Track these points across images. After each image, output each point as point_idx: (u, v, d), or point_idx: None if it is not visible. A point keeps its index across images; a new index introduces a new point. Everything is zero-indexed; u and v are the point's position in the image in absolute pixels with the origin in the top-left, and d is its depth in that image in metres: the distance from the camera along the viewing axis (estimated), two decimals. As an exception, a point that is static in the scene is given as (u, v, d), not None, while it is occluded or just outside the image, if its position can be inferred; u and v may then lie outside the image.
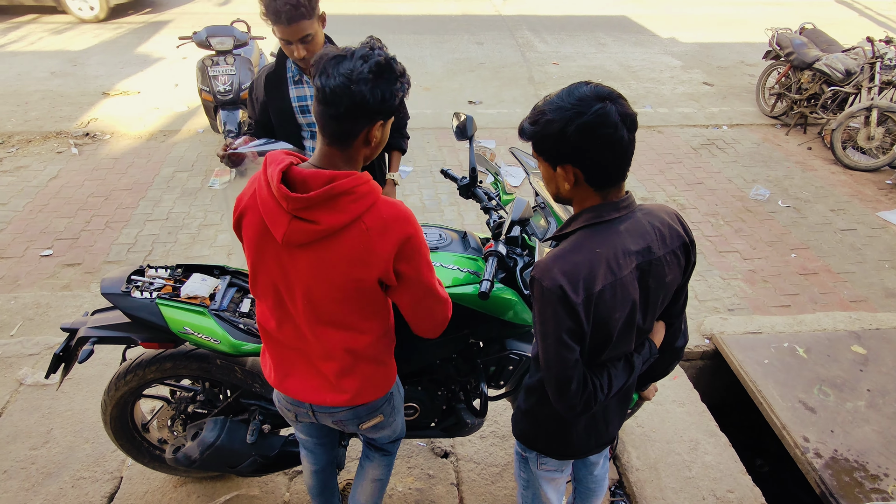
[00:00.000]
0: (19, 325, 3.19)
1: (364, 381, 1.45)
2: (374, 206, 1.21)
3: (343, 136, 1.19)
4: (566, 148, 1.14)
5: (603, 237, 1.17)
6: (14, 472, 2.25)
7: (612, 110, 1.10)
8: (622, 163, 1.15)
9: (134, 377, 1.91)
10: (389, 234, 1.22)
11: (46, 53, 7.74)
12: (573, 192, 1.21)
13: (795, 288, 3.87)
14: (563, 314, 1.13)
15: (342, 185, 1.17)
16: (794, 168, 5.46)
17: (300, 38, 1.97)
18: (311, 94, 2.23)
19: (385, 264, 1.24)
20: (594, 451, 1.47)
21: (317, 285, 1.26)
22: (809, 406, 2.68)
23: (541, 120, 1.15)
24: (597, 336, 1.18)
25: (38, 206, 4.49)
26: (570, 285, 1.12)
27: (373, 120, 1.20)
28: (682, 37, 9.51)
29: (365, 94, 1.14)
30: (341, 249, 1.21)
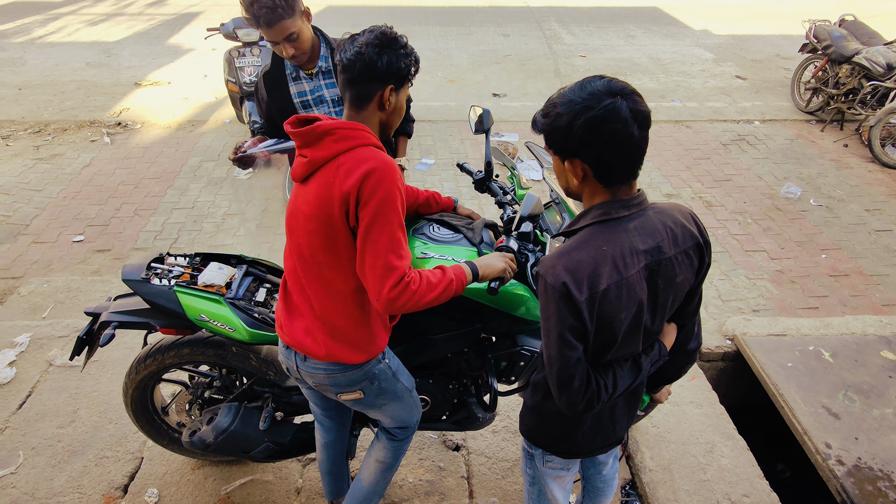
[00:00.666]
0: (51, 308, 3.31)
1: (338, 335, 1.49)
2: (354, 149, 1.36)
3: (360, 98, 1.40)
4: (573, 142, 1.12)
5: (610, 235, 1.15)
6: (42, 448, 2.34)
7: (623, 106, 1.08)
8: (632, 160, 1.13)
9: (153, 361, 1.96)
10: (356, 172, 1.32)
11: (83, 44, 7.96)
12: (582, 186, 1.19)
13: (824, 290, 3.75)
14: (565, 311, 1.12)
15: (325, 125, 1.35)
16: (828, 166, 5.28)
17: (284, 37, 2.01)
18: (310, 88, 2.26)
19: (345, 198, 1.32)
20: (600, 451, 1.45)
21: (303, 217, 1.41)
22: (833, 412, 2.60)
23: (551, 112, 1.14)
24: (601, 336, 1.17)
25: (72, 193, 4.64)
26: (573, 282, 1.10)
27: (384, 82, 1.38)
28: (716, 29, 9.25)
29: (373, 57, 1.35)
30: (319, 182, 1.37)
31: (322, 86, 2.25)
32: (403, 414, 1.74)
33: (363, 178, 1.30)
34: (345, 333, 1.49)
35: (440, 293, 1.40)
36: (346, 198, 1.32)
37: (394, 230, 1.33)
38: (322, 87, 2.25)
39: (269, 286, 2.00)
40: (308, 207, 1.38)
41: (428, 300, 1.38)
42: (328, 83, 2.25)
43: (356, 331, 1.50)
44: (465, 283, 1.46)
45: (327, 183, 1.34)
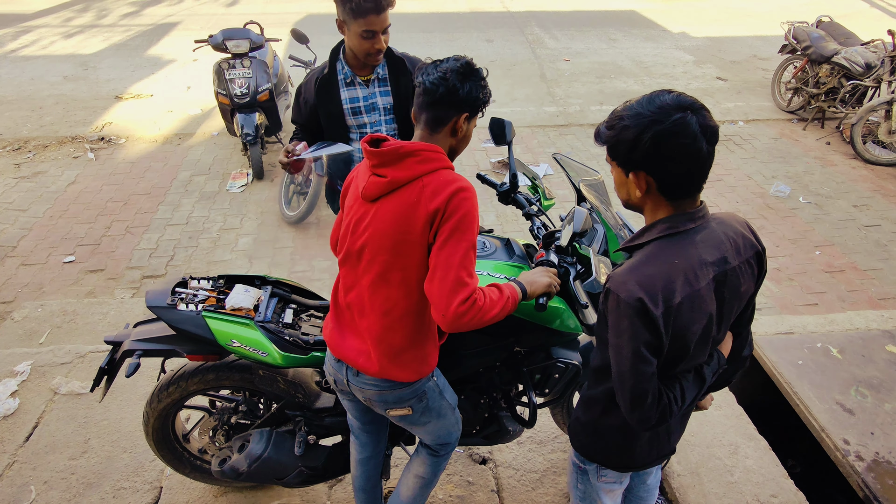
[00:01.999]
0: (48, 333, 3.20)
1: (392, 354, 1.49)
2: (437, 171, 1.39)
3: (436, 122, 1.43)
4: (639, 155, 1.12)
5: (679, 248, 1.15)
6: (54, 482, 2.25)
7: (693, 121, 1.08)
8: (698, 175, 1.13)
9: (177, 389, 1.90)
10: (442, 192, 1.35)
11: (58, 57, 7.74)
12: (644, 199, 1.19)
13: (822, 286, 3.84)
14: (640, 327, 1.11)
15: (410, 146, 1.38)
16: (813, 163, 5.41)
17: (385, 27, 2.07)
18: (363, 94, 2.27)
19: (431, 217, 1.34)
20: (655, 462, 1.45)
21: (377, 235, 1.42)
22: (847, 408, 2.65)
23: (617, 125, 1.14)
24: (673, 349, 1.16)
25: (58, 211, 4.50)
26: (649, 297, 1.10)
27: (460, 110, 1.42)
28: (693, 31, 9.43)
29: (456, 84, 1.39)
30: (400, 201, 1.38)
31: (376, 93, 2.28)
32: (446, 431, 1.73)
33: (450, 196, 1.34)
34: (400, 353, 1.49)
35: (499, 311, 1.40)
36: (433, 216, 1.34)
37: (468, 248, 1.35)
38: (376, 94, 2.28)
39: (295, 307, 1.96)
40: (383, 225, 1.40)
41: (489, 318, 1.38)
42: (382, 91, 2.28)
43: (411, 350, 1.50)
44: (517, 302, 1.45)
45: (410, 203, 1.36)
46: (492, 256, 1.84)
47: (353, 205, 1.50)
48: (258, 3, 10.53)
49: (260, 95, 4.75)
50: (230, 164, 5.20)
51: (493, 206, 4.52)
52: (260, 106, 4.82)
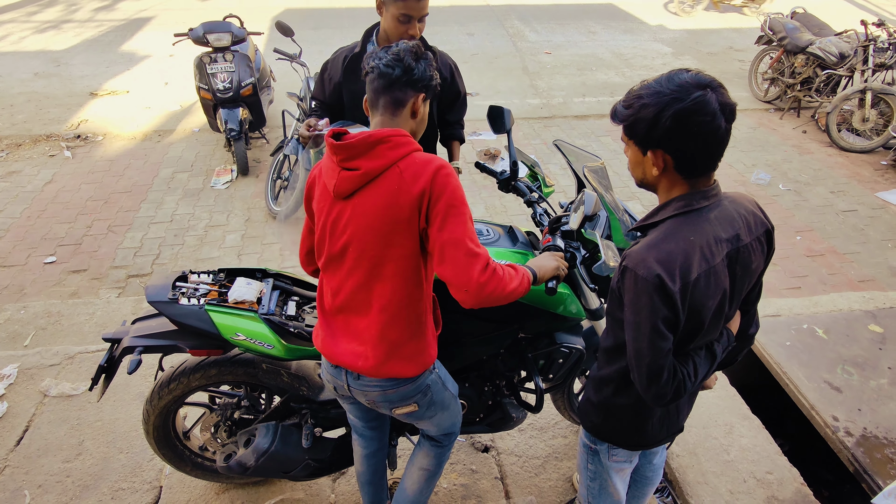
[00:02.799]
0: (32, 335, 3.11)
1: (393, 350, 1.46)
2: (410, 154, 1.36)
3: (395, 103, 1.38)
4: (659, 133, 1.13)
5: (695, 225, 1.17)
6: (49, 486, 2.19)
7: (712, 98, 1.09)
8: (716, 152, 1.15)
9: (178, 385, 1.87)
10: (423, 173, 1.32)
11: (28, 54, 7.50)
12: (660, 178, 1.20)
13: (804, 269, 3.94)
14: (659, 303, 1.13)
15: (378, 133, 1.34)
16: (791, 151, 5.54)
17: (422, 14, 2.10)
18: None
19: (417, 200, 1.32)
20: (665, 440, 1.47)
21: (360, 231, 1.37)
22: (835, 386, 2.73)
23: (636, 104, 1.15)
24: (689, 325, 1.18)
25: (36, 211, 4.37)
26: (667, 274, 1.11)
27: (417, 90, 1.39)
28: (670, 24, 9.56)
29: (412, 64, 1.37)
30: (379, 192, 1.34)
31: None
32: (450, 421, 1.73)
33: (433, 175, 1.31)
34: (399, 347, 1.46)
35: (517, 286, 1.39)
36: (419, 199, 1.31)
37: (467, 220, 1.34)
38: None
39: (298, 299, 1.94)
40: (366, 219, 1.35)
41: (510, 290, 1.36)
42: None
43: (412, 343, 1.48)
44: (531, 283, 1.46)
45: (391, 191, 1.32)
46: (495, 244, 1.84)
47: (325, 206, 1.43)
48: (233, -2, 10.33)
49: (243, 90, 4.68)
50: (213, 160, 5.11)
51: (482, 199, 4.52)
52: (243, 101, 4.75)
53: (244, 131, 4.73)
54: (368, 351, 1.47)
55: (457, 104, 2.50)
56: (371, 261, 1.39)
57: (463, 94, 2.51)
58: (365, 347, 1.47)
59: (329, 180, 1.40)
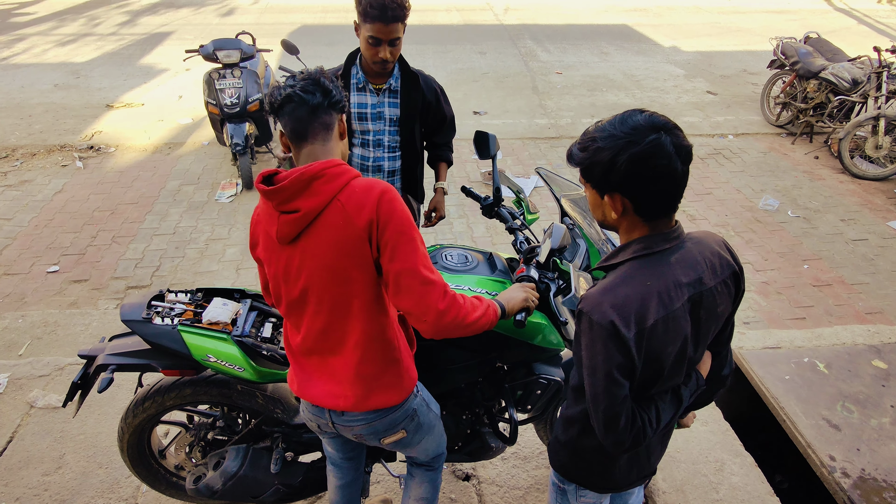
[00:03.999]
0: (27, 345, 3.14)
1: (370, 383, 1.43)
2: (347, 185, 1.30)
3: (323, 127, 1.33)
4: (616, 177, 1.10)
5: (653, 269, 1.14)
6: (27, 499, 2.19)
7: (667, 141, 1.07)
8: (674, 194, 1.12)
9: (153, 404, 1.86)
10: (366, 202, 1.28)
11: (49, 65, 7.72)
12: (620, 220, 1.18)
13: (810, 300, 3.84)
14: (613, 349, 1.10)
15: (311, 169, 1.27)
16: (802, 177, 5.45)
17: (391, 38, 2.08)
18: (371, 102, 2.29)
19: (366, 230, 1.27)
20: (636, 483, 1.42)
21: (315, 273, 1.32)
22: (833, 423, 2.64)
23: (591, 147, 1.12)
24: (647, 371, 1.15)
25: (44, 220, 4.45)
26: (621, 320, 1.08)
27: (339, 110, 1.36)
28: (684, 46, 9.53)
29: (328, 86, 1.33)
30: (324, 230, 1.28)
31: (385, 103, 2.31)
32: (437, 442, 1.70)
33: (377, 202, 1.27)
34: (377, 379, 1.43)
35: (480, 316, 1.36)
36: (367, 228, 1.27)
37: (418, 245, 1.30)
38: (385, 104, 2.31)
39: (275, 320, 1.93)
40: (318, 261, 1.30)
41: (472, 319, 1.33)
42: (391, 102, 2.31)
43: (388, 372, 1.45)
44: (497, 316, 1.43)
45: (336, 227, 1.27)
46: (473, 271, 1.82)
47: (272, 254, 1.37)
48: (252, 14, 10.57)
49: (250, 106, 4.75)
50: (219, 174, 5.18)
51: (482, 219, 4.51)
52: (250, 116, 4.81)
53: (250, 146, 4.79)
54: (347, 390, 1.44)
55: (444, 127, 2.50)
56: (332, 301, 1.35)
57: (450, 118, 2.51)
58: (342, 387, 1.44)
59: (269, 227, 1.33)
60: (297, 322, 1.42)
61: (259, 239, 1.41)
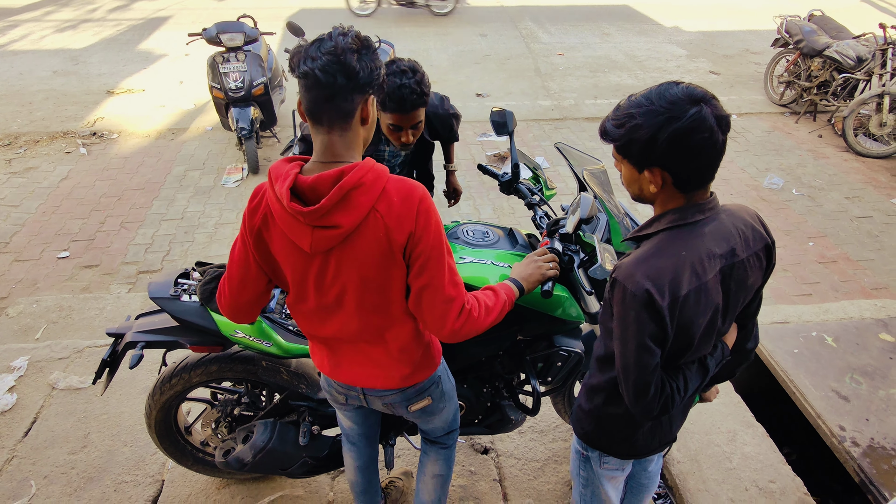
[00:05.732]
0: (43, 329, 3.17)
1: (411, 364, 1.45)
2: (384, 191, 1.18)
3: (342, 116, 1.16)
4: (657, 153, 1.10)
5: (687, 240, 1.15)
6: (55, 477, 2.23)
7: (708, 113, 1.06)
8: (713, 165, 1.13)
9: (179, 381, 1.89)
10: (406, 215, 1.19)
11: (48, 52, 7.65)
12: (658, 194, 1.18)
13: (815, 276, 3.88)
14: (646, 319, 1.11)
15: (350, 181, 1.13)
16: (806, 156, 5.46)
17: (413, 123, 1.95)
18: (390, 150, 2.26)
19: (403, 245, 1.21)
20: (657, 450, 1.46)
21: (354, 282, 1.25)
22: (843, 395, 2.69)
23: (628, 123, 1.11)
24: (678, 341, 1.17)
25: (51, 207, 4.45)
26: (656, 289, 1.10)
27: (364, 93, 1.17)
28: (686, 25, 9.47)
29: (354, 64, 1.12)
30: (366, 243, 1.20)
31: (402, 153, 2.30)
32: (454, 415, 1.74)
33: (416, 214, 1.19)
34: (418, 361, 1.45)
35: (497, 316, 1.37)
36: (405, 242, 1.21)
37: (447, 259, 1.26)
38: (402, 153, 2.30)
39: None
40: (358, 271, 1.23)
41: (487, 324, 1.34)
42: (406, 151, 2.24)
43: (425, 353, 1.47)
44: (514, 300, 1.45)
45: (375, 239, 1.19)
46: (495, 245, 1.84)
47: (296, 261, 1.25)
48: (249, -3, 10.44)
49: (255, 89, 4.73)
50: (225, 158, 5.17)
51: (490, 200, 4.52)
52: (255, 100, 4.79)
53: (255, 130, 4.78)
54: (389, 373, 1.44)
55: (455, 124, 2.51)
56: (372, 306, 1.30)
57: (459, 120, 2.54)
58: (384, 370, 1.44)
59: (298, 238, 1.19)
60: (327, 319, 1.35)
61: (272, 237, 1.26)
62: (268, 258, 1.30)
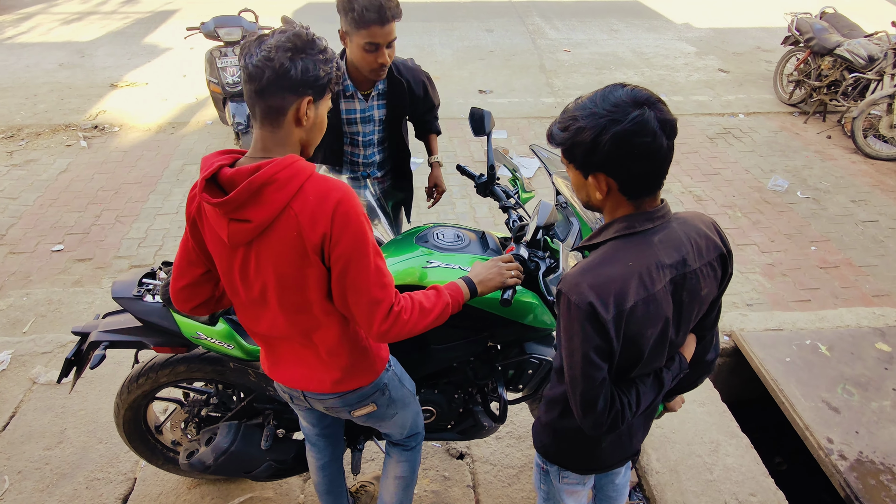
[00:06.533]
0: (32, 322, 3.19)
1: (340, 369, 1.42)
2: (301, 189, 1.17)
3: (272, 113, 1.16)
4: (599, 157, 1.06)
5: (636, 249, 1.11)
6: (28, 472, 2.24)
7: (651, 117, 1.02)
8: (660, 172, 1.08)
9: (147, 380, 1.88)
10: (320, 216, 1.17)
11: (55, 45, 7.70)
12: (605, 200, 1.14)
13: (816, 282, 3.79)
14: (591, 331, 1.07)
15: (261, 176, 1.13)
16: (813, 157, 5.34)
17: (390, 40, 1.95)
18: (361, 108, 2.23)
19: (320, 244, 1.19)
20: (618, 465, 1.41)
21: (273, 278, 1.25)
22: (833, 406, 2.62)
23: (572, 126, 1.07)
24: (627, 353, 1.13)
25: (49, 200, 4.48)
26: (600, 301, 1.06)
27: (299, 94, 1.16)
28: (697, 22, 9.30)
29: (285, 63, 1.12)
30: (280, 241, 1.20)
31: (374, 106, 2.24)
32: (412, 420, 1.70)
33: (332, 216, 1.17)
34: (350, 366, 1.42)
35: (436, 318, 1.33)
36: (320, 244, 1.19)
37: (371, 261, 1.22)
38: (374, 107, 2.24)
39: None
40: (275, 268, 1.23)
41: (423, 327, 1.30)
42: (379, 104, 2.24)
43: (359, 358, 1.44)
44: (462, 301, 1.40)
45: (290, 237, 1.18)
46: (465, 249, 1.80)
47: (222, 252, 1.27)
48: (257, -9, 10.43)
49: (251, 84, 4.70)
50: (222, 153, 5.16)
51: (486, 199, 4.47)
52: (251, 95, 4.78)
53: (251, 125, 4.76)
54: (320, 375, 1.43)
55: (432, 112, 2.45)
56: (293, 304, 1.29)
57: (437, 105, 2.47)
58: (314, 372, 1.43)
59: (218, 228, 1.22)
60: (259, 315, 1.36)
61: (204, 230, 1.29)
62: (203, 246, 1.33)
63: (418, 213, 4.41)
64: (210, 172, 1.17)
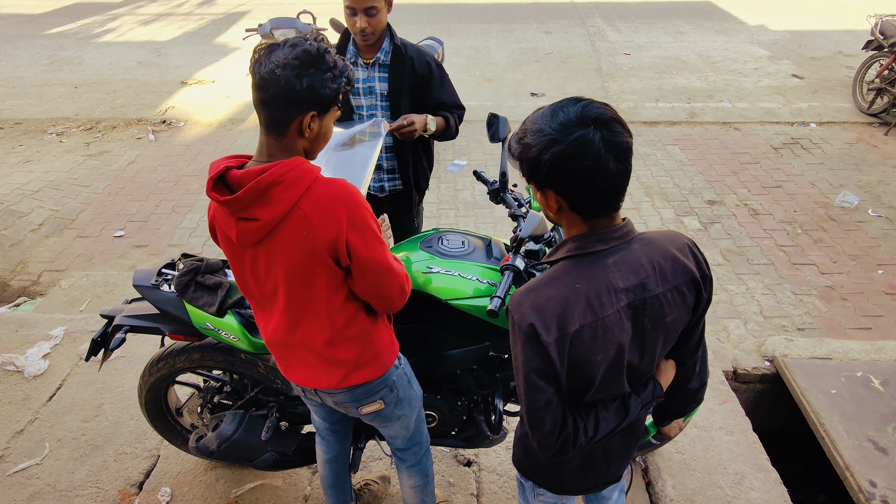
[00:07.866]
0: (88, 302, 3.44)
1: (348, 368, 1.45)
2: (309, 189, 1.21)
3: (276, 123, 1.19)
4: (542, 176, 1.01)
5: (585, 271, 1.04)
6: (66, 441, 2.42)
7: (596, 138, 0.95)
8: (608, 195, 1.02)
9: (165, 365, 1.98)
10: (331, 216, 1.21)
11: (136, 44, 8.28)
12: (559, 217, 1.09)
13: (880, 309, 3.48)
14: (531, 353, 1.03)
15: (268, 176, 1.16)
16: (890, 172, 4.90)
17: (366, 7, 2.04)
18: (363, 77, 2.27)
19: (333, 244, 1.23)
20: (593, 489, 1.34)
21: (283, 276, 1.29)
22: (880, 446, 2.39)
23: (522, 140, 1.03)
24: (576, 378, 1.07)
25: (116, 189, 4.83)
26: (541, 323, 1.01)
27: (303, 109, 1.18)
28: (773, 24, 8.77)
29: (291, 80, 1.14)
30: (288, 240, 1.23)
31: (375, 77, 2.28)
32: (416, 424, 1.71)
33: (347, 218, 1.22)
34: (355, 362, 1.45)
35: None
36: (333, 244, 1.23)
37: (383, 250, 1.30)
38: (375, 78, 2.28)
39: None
40: (285, 266, 1.28)
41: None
42: (381, 76, 2.27)
43: (364, 352, 1.46)
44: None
45: (300, 238, 1.22)
46: (468, 257, 1.78)
47: (235, 253, 1.33)
48: (325, -7, 10.78)
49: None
50: (275, 150, 5.37)
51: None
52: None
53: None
54: (327, 373, 1.47)
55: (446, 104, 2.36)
56: (302, 301, 1.34)
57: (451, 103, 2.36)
58: (320, 372, 1.47)
59: (227, 229, 1.26)
60: (269, 315, 1.41)
61: (218, 235, 1.35)
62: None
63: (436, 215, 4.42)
64: (217, 173, 1.21)
